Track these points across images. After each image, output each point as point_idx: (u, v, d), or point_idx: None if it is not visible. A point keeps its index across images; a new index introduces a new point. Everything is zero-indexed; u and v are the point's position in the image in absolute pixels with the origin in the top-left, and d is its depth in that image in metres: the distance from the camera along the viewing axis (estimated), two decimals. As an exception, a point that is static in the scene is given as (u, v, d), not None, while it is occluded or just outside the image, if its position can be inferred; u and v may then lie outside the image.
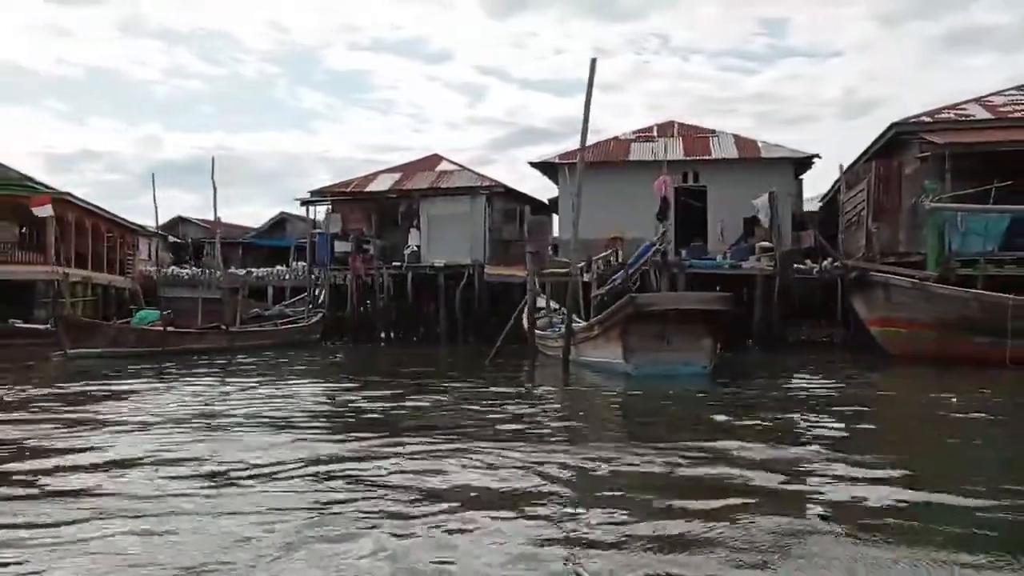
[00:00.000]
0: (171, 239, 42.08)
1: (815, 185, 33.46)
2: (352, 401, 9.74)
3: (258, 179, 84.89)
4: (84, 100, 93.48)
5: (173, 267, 35.81)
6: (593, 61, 14.78)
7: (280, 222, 43.78)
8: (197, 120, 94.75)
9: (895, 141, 20.07)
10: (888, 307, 15.38)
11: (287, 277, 33.33)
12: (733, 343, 17.55)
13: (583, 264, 18.24)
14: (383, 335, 24.21)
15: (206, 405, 9.40)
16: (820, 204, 24.48)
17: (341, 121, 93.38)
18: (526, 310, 16.97)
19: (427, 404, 9.26)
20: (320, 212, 27.09)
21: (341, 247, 25.77)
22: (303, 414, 8.47)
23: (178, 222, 44.54)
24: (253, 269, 35.26)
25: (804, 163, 22.44)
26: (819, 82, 78.01)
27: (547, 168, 24.56)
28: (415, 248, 24.82)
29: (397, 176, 26.99)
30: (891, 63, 70.49)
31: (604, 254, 20.96)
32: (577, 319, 14.99)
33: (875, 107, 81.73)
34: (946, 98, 22.10)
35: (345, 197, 26.27)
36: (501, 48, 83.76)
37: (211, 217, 25.12)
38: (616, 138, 24.54)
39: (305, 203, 27.24)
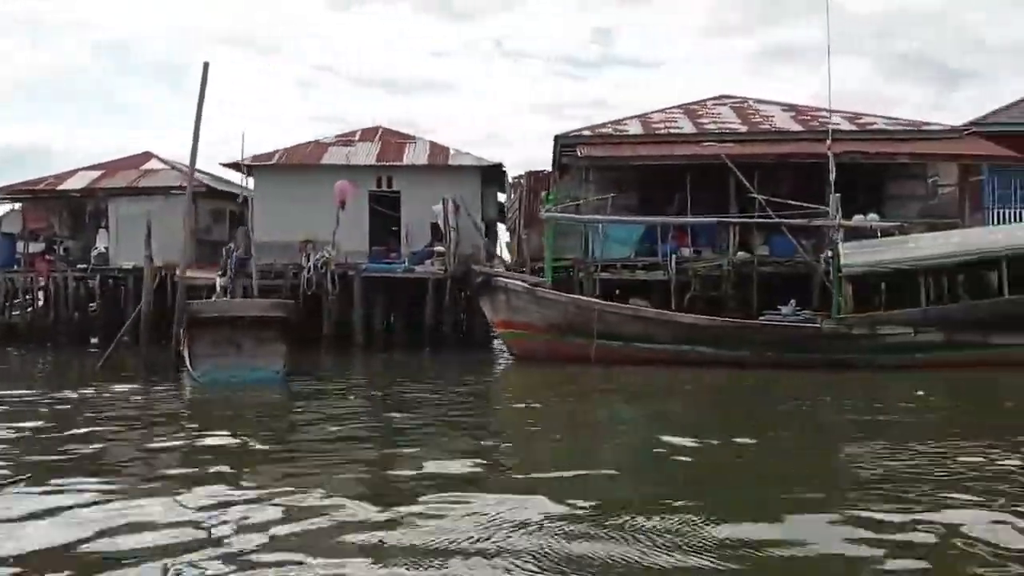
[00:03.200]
0: None
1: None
2: None
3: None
4: None
5: None
6: (205, 66, 14.74)
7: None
8: None
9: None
10: (509, 310, 16.31)
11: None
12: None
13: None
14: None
15: None
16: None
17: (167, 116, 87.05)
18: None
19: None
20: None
21: (34, 248, 24.47)
22: None
23: None
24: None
25: (493, 171, 23.33)
26: (646, 90, 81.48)
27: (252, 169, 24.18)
28: (103, 250, 23.84)
29: (96, 174, 25.83)
30: (712, 74, 74.94)
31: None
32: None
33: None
34: None
35: (27, 195, 24.87)
36: (337, 43, 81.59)
37: None
38: (316, 141, 24.60)
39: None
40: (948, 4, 68.74)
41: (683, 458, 7.07)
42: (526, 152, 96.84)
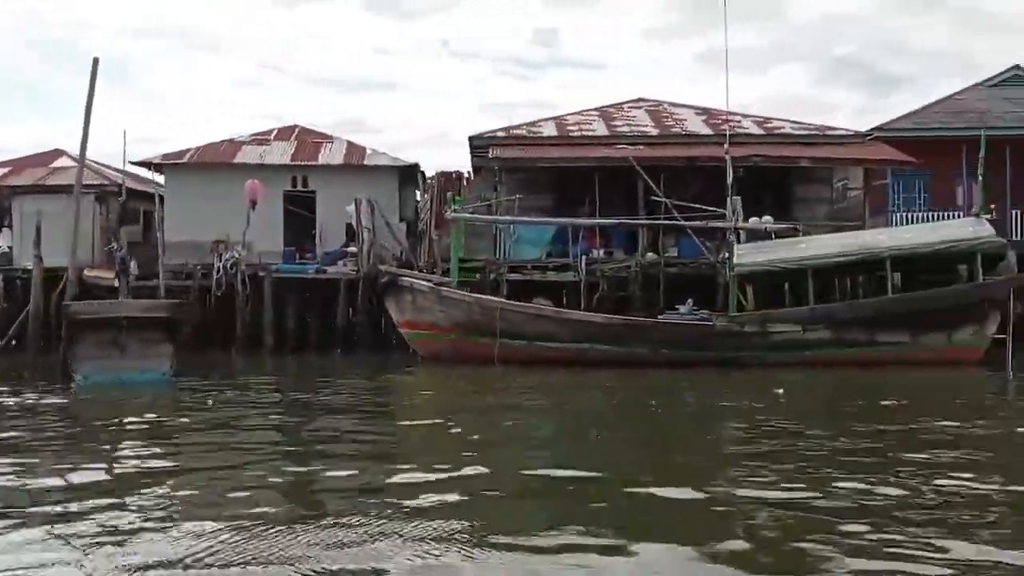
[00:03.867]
0: None
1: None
2: None
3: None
4: None
5: None
6: (95, 61, 14.43)
7: None
8: None
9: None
10: (414, 310, 16.28)
11: None
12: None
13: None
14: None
15: None
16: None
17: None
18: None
19: None
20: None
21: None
22: None
23: None
24: None
25: (410, 171, 23.31)
26: (592, 91, 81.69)
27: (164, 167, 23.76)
28: (7, 249, 23.17)
29: (2, 172, 25.10)
30: (657, 77, 75.83)
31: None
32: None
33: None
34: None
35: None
36: (283, 41, 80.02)
37: None
38: (231, 140, 24.26)
39: None
40: (878, 10, 70.90)
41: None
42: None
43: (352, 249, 20.66)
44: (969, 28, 68.31)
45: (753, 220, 16.55)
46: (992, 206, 15.56)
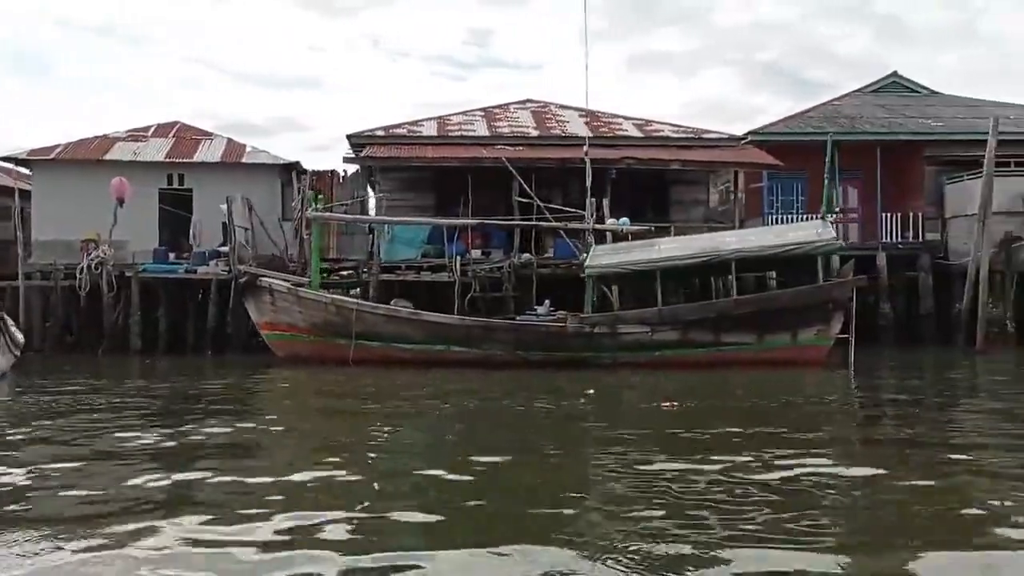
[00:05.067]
0: None
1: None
2: None
3: None
4: None
5: None
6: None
7: None
8: None
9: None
10: (273, 311, 15.98)
11: None
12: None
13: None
14: None
15: None
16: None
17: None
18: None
19: None
20: None
21: None
22: None
23: None
24: None
25: (290, 168, 22.93)
26: (526, 91, 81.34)
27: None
28: None
29: None
30: (591, 78, 76.21)
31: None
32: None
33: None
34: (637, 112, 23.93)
35: None
36: (210, 36, 77.74)
37: None
38: (105, 135, 23.51)
39: None
40: (801, 17, 72.82)
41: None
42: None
43: (224, 248, 20.20)
44: (890, 38, 70.86)
45: (610, 221, 16.71)
46: (838, 209, 15.99)
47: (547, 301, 15.74)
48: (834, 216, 15.31)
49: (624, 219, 16.98)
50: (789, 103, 77.04)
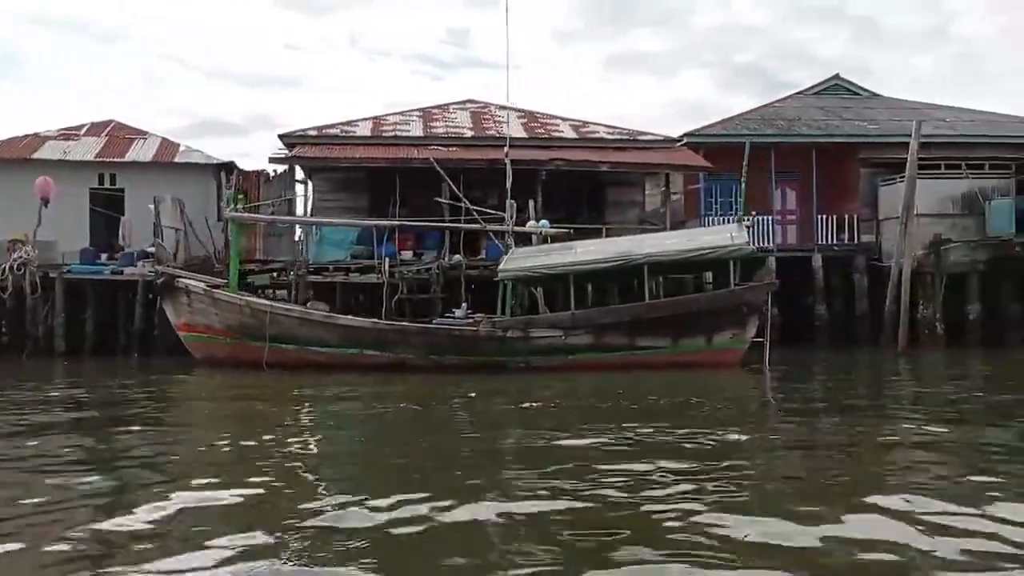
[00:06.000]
0: None
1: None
2: None
3: None
4: None
5: None
6: None
7: None
8: None
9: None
10: (190, 313, 15.78)
11: None
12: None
13: None
14: None
15: None
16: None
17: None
18: None
19: None
20: None
21: None
22: None
23: None
24: None
25: (227, 168, 22.69)
26: (501, 92, 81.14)
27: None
28: None
29: None
30: (569, 79, 76.24)
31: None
32: None
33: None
34: (617, 113, 23.92)
35: None
36: (187, 33, 76.65)
37: None
38: (36, 134, 23.13)
39: None
40: (777, 19, 73.38)
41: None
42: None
43: (151, 249, 19.93)
44: (866, 41, 71.54)
45: (530, 224, 16.66)
46: (753, 212, 16.06)
47: (464, 304, 15.67)
48: (749, 219, 15.30)
49: (544, 221, 16.94)
50: (764, 103, 77.53)
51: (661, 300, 14.93)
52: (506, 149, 16.42)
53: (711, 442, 7.06)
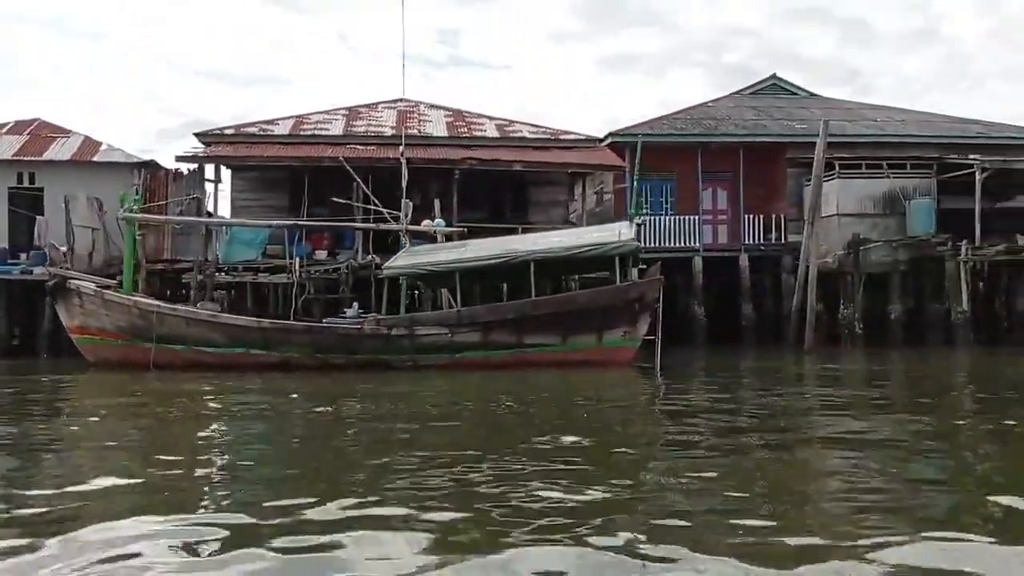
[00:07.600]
0: None
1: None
2: None
3: None
4: None
5: None
6: None
7: None
8: None
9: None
10: (83, 314, 15.56)
11: None
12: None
13: None
14: None
15: None
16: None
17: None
18: None
19: None
20: None
21: None
22: None
23: None
24: None
25: (149, 166, 22.47)
26: (496, 91, 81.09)
27: None
28: None
29: None
30: (562, 79, 76.13)
31: None
32: None
33: (545, 119, 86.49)
34: (601, 115, 23.73)
35: None
36: (174, 32, 76.13)
37: None
38: (-40, 132, 22.90)
39: None
40: (767, 20, 73.68)
41: None
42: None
43: (64, 249, 19.73)
44: (855, 41, 71.86)
45: (425, 223, 16.54)
46: (645, 210, 15.98)
47: (355, 304, 15.53)
48: (641, 217, 15.20)
49: (439, 220, 16.82)
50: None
51: (547, 297, 14.82)
52: (401, 148, 16.35)
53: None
